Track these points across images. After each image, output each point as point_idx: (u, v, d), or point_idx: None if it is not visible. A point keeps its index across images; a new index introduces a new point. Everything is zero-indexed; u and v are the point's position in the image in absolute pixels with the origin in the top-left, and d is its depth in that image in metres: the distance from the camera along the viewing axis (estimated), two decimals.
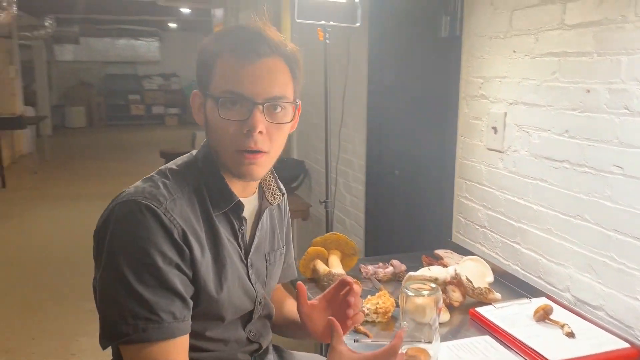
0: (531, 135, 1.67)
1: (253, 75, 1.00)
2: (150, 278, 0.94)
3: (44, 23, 10.19)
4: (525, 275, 1.74)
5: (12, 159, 8.94)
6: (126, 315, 0.93)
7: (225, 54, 1.01)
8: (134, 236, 0.95)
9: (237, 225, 1.10)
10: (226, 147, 1.03)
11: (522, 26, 1.68)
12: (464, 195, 2.04)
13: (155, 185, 1.01)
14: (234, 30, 1.04)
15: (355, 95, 2.97)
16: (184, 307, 0.98)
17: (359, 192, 3.03)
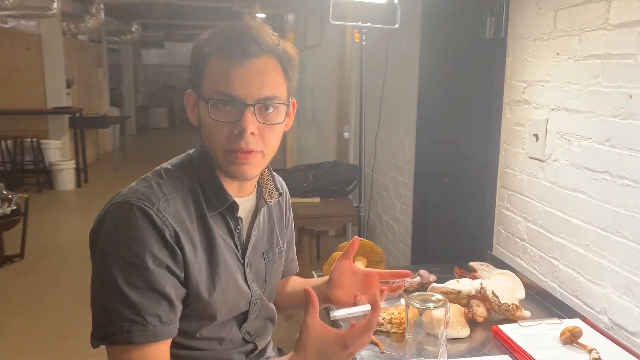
0: (572, 143, 1.55)
1: (243, 76, 0.98)
2: (139, 280, 0.94)
3: (131, 28, 10.78)
4: (562, 293, 1.62)
5: (97, 156, 9.52)
6: (113, 316, 0.93)
7: (215, 55, 1.00)
8: (125, 237, 0.95)
9: (232, 225, 1.10)
10: (218, 147, 1.02)
11: (565, 27, 1.57)
12: (505, 205, 1.93)
13: (149, 186, 1.01)
14: (224, 30, 1.02)
15: (406, 98, 2.91)
16: (171, 310, 0.98)
17: (408, 199, 2.96)
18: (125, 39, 11.01)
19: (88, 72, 9.53)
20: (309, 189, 3.72)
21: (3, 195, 4.37)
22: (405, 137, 2.97)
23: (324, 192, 3.73)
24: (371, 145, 3.63)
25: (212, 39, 1.02)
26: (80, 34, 8.48)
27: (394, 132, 3.16)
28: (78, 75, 8.73)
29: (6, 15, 6.28)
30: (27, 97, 7.52)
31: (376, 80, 3.45)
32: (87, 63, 9.53)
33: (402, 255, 3.08)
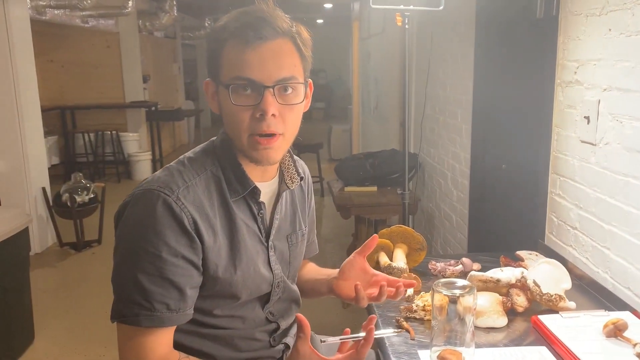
0: (624, 125, 1.45)
1: (260, 59, 1.00)
2: (151, 267, 0.97)
3: (204, 24, 11.12)
4: (614, 285, 1.52)
5: (173, 147, 9.94)
6: (125, 298, 0.99)
7: (230, 41, 1.01)
8: (142, 225, 0.98)
9: (255, 209, 1.12)
10: (241, 132, 1.03)
11: (618, 0, 1.47)
12: (557, 192, 1.84)
13: (170, 174, 1.04)
14: (237, 15, 1.03)
15: (461, 82, 2.82)
16: (181, 299, 1.01)
17: (464, 187, 2.88)
18: (199, 34, 11.37)
19: (163, 67, 9.94)
20: (366, 177, 3.70)
21: (82, 185, 4.68)
22: (462, 123, 2.89)
23: (382, 180, 3.70)
24: (432, 133, 3.56)
25: (226, 25, 1.03)
26: (155, 30, 8.86)
27: (451, 118, 3.08)
28: (154, 71, 9.13)
29: (87, 15, 6.67)
30: (107, 92, 7.97)
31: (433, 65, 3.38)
32: (163, 58, 9.94)
33: (459, 245, 3.01)
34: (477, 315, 1.35)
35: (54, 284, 4.11)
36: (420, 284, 1.57)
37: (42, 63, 7.35)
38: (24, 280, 2.95)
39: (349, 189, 3.66)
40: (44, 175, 4.82)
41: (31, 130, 4.60)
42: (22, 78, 4.47)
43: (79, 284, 4.03)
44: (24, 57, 4.52)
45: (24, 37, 4.53)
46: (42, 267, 4.37)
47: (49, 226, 4.79)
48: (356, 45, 7.61)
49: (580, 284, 1.60)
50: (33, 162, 4.61)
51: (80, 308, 3.58)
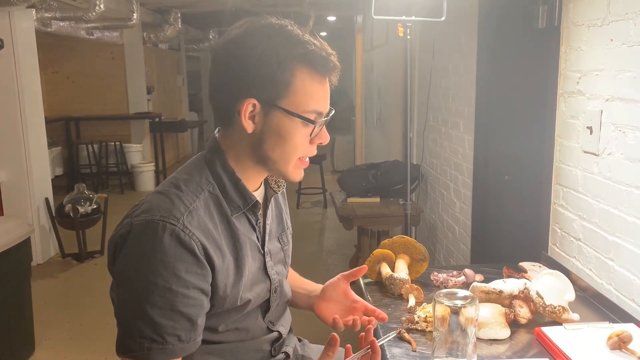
0: (627, 135, 1.45)
1: (327, 92, 1.05)
2: (162, 300, 0.94)
3: (209, 36, 11.18)
4: (618, 297, 1.51)
5: (177, 158, 9.96)
6: (134, 332, 0.95)
7: (304, 69, 1.00)
8: (149, 258, 0.94)
9: (254, 220, 1.12)
10: (294, 156, 1.06)
11: (620, 10, 1.47)
12: (561, 203, 1.83)
13: (170, 200, 1.00)
14: (307, 42, 1.01)
15: (464, 92, 2.82)
16: (192, 329, 0.99)
17: (467, 198, 2.87)
18: (203, 46, 11.43)
19: (168, 79, 9.99)
20: (369, 188, 3.70)
21: (85, 195, 4.69)
22: (465, 134, 2.88)
23: (385, 191, 3.69)
24: (434, 144, 3.56)
25: (295, 49, 1.00)
26: (160, 42, 8.91)
27: (454, 129, 3.08)
28: (158, 82, 9.17)
29: (92, 27, 6.71)
30: (111, 103, 8.00)
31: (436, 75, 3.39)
32: (167, 70, 9.99)
33: (462, 257, 2.99)
34: (480, 326, 1.34)
35: (55, 294, 4.10)
36: (422, 295, 1.56)
37: (47, 74, 7.41)
38: (25, 291, 2.94)
39: (352, 200, 3.66)
40: (47, 185, 4.83)
41: (35, 141, 4.62)
42: (27, 89, 4.49)
43: (81, 295, 4.02)
44: (29, 69, 4.55)
45: (29, 48, 4.56)
46: (44, 277, 4.36)
47: (51, 237, 4.79)
48: (359, 57, 7.64)
49: (584, 295, 1.58)
50: (36, 173, 4.62)
51: (82, 319, 3.56)
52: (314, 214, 6.31)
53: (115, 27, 7.09)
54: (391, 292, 1.61)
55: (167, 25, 8.06)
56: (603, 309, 1.49)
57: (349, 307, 1.24)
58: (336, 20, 9.70)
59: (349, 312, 1.24)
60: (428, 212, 3.75)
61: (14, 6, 4.06)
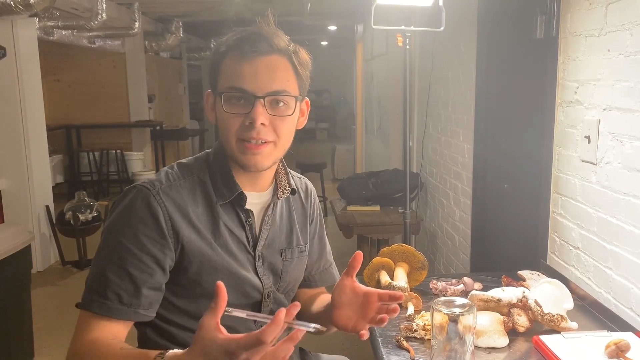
0: (624, 144, 1.46)
1: (254, 71, 1.05)
2: (115, 255, 1.02)
3: (210, 45, 11.23)
4: (616, 305, 1.51)
5: None
6: (88, 284, 1.04)
7: (229, 54, 1.08)
8: (120, 216, 1.05)
9: (243, 217, 1.14)
10: (231, 137, 1.08)
11: (616, 21, 1.48)
12: (559, 212, 1.83)
13: (159, 174, 1.12)
14: (238, 32, 1.10)
15: (464, 101, 2.84)
16: (135, 294, 1.03)
17: (467, 206, 2.88)
18: (205, 55, 11.48)
19: (169, 87, 10.02)
20: (369, 196, 3.70)
21: (86, 203, 4.69)
22: (465, 143, 2.89)
23: (385, 200, 3.70)
24: (434, 153, 3.57)
25: (227, 40, 1.09)
26: (161, 51, 8.95)
27: (454, 138, 3.09)
28: (159, 90, 9.20)
29: (94, 35, 6.76)
30: (113, 111, 8.03)
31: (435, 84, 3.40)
32: (168, 78, 10.03)
33: (462, 265, 3.00)
34: (478, 335, 1.34)
35: (55, 302, 4.09)
36: (421, 303, 1.56)
37: (49, 82, 7.43)
38: (25, 298, 2.94)
39: (352, 208, 3.66)
40: (48, 193, 4.84)
41: (36, 148, 4.63)
42: (29, 97, 4.51)
43: None
44: (31, 77, 4.57)
45: (31, 57, 4.59)
46: (43, 285, 4.36)
47: (51, 244, 4.79)
48: (360, 67, 7.67)
49: (583, 304, 1.59)
50: (37, 181, 4.63)
51: None
52: None
53: (117, 36, 7.13)
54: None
55: (169, 34, 8.11)
56: (601, 317, 1.50)
57: (363, 304, 1.11)
58: (337, 30, 9.75)
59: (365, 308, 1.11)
60: (428, 221, 3.76)
61: (16, 15, 4.09)
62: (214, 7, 7.15)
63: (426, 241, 3.81)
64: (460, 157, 2.98)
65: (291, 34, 1.12)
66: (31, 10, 4.09)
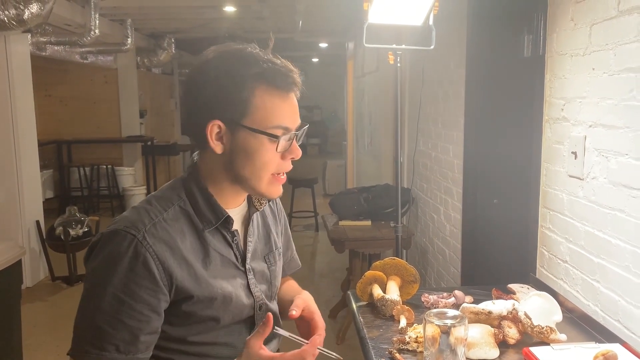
0: (609, 160, 1.50)
1: (292, 107, 1.08)
2: (107, 306, 0.99)
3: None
4: (604, 318, 1.54)
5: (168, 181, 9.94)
6: (79, 333, 1.01)
7: (262, 86, 1.04)
8: (106, 265, 1.00)
9: (229, 237, 1.14)
10: (266, 172, 1.08)
11: (600, 41, 1.54)
12: (548, 226, 1.87)
13: (137, 213, 1.05)
14: (263, 60, 1.05)
15: (454, 118, 2.89)
16: (132, 342, 1.00)
17: (457, 221, 2.91)
18: None
19: (161, 103, 10.05)
20: (360, 212, 3.73)
21: (76, 218, 4.68)
22: (455, 159, 2.94)
23: (376, 215, 3.73)
24: (424, 168, 3.61)
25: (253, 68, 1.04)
26: (153, 67, 8.99)
27: (444, 154, 3.13)
28: (151, 106, 9.22)
29: (86, 51, 6.78)
30: (104, 126, 8.03)
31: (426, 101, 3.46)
32: (160, 94, 10.05)
33: (453, 280, 3.02)
34: (469, 346, 1.37)
35: (44, 318, 4.06)
36: (413, 316, 1.58)
37: (41, 98, 7.42)
38: (14, 314, 2.92)
39: (343, 223, 3.68)
40: (39, 208, 4.82)
41: (27, 163, 4.63)
42: (21, 112, 4.52)
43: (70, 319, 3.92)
44: (23, 92, 4.58)
45: (23, 72, 4.60)
46: (33, 301, 4.32)
47: (41, 260, 4.76)
48: (351, 83, 7.75)
49: (572, 317, 1.61)
50: (28, 196, 4.61)
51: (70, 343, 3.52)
52: (306, 237, 6.32)
53: (110, 52, 7.16)
54: (383, 314, 1.63)
55: (161, 50, 8.16)
56: (590, 329, 1.52)
57: None
58: (328, 47, 9.85)
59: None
60: (419, 236, 3.79)
61: (9, 30, 4.11)
62: (206, 24, 7.22)
63: (417, 255, 3.83)
64: (450, 173, 3.02)
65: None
66: (24, 26, 4.11)
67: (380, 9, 1.98)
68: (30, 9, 3.97)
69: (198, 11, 6.35)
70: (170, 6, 6.00)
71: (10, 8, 3.89)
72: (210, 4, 5.87)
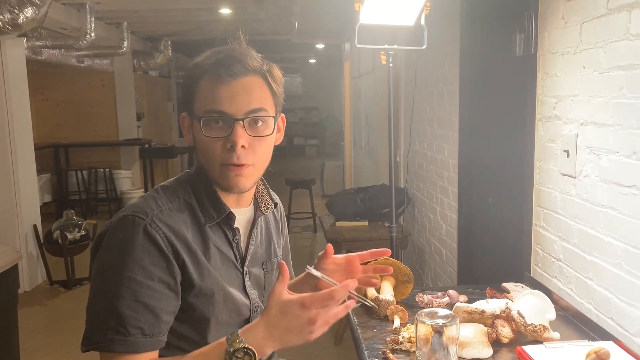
0: (601, 158, 1.50)
1: (231, 93, 1.06)
2: (127, 290, 0.99)
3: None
4: (598, 315, 1.54)
5: None
6: (100, 324, 1.00)
7: (204, 77, 1.07)
8: (119, 250, 1.01)
9: (230, 235, 1.15)
10: (213, 162, 1.08)
11: (591, 39, 1.54)
12: (542, 224, 1.87)
13: (145, 200, 1.09)
14: (210, 54, 1.09)
15: (449, 118, 2.89)
16: (155, 323, 1.01)
17: (453, 221, 2.91)
18: None
19: (158, 106, 10.05)
20: (357, 212, 3.73)
21: (74, 222, 4.67)
22: (450, 158, 2.94)
23: (373, 215, 3.73)
24: (420, 168, 3.61)
25: (200, 63, 1.09)
26: (150, 69, 8.99)
27: (439, 153, 3.13)
28: (148, 109, 9.22)
29: (82, 54, 6.78)
30: (101, 130, 8.03)
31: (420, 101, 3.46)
32: (157, 97, 10.05)
33: (449, 279, 3.02)
34: (463, 346, 1.37)
35: (42, 322, 4.06)
36: (407, 316, 1.58)
37: (37, 102, 7.43)
38: (12, 319, 2.92)
39: (340, 224, 3.68)
40: (36, 212, 4.82)
41: (24, 168, 4.62)
42: (17, 117, 4.52)
43: (68, 323, 3.98)
44: (19, 97, 4.58)
45: (19, 76, 4.60)
46: (30, 305, 4.32)
47: (39, 264, 4.76)
48: (347, 84, 7.75)
49: (566, 315, 1.61)
50: (25, 200, 4.61)
51: (69, 347, 3.52)
52: (304, 238, 6.32)
53: (106, 55, 7.16)
54: (377, 314, 1.63)
55: (158, 53, 8.16)
56: (584, 327, 1.53)
57: (346, 270, 1.28)
58: (324, 48, 9.85)
59: (349, 273, 1.28)
60: (416, 236, 3.79)
61: (5, 34, 4.11)
62: (203, 27, 7.22)
63: (414, 255, 3.83)
64: (446, 172, 3.03)
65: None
66: (20, 31, 4.11)
67: (372, 10, 1.98)
68: (25, 13, 3.97)
69: (194, 14, 6.35)
70: (166, 9, 6.00)
71: (5, 12, 3.89)
72: (206, 6, 5.87)
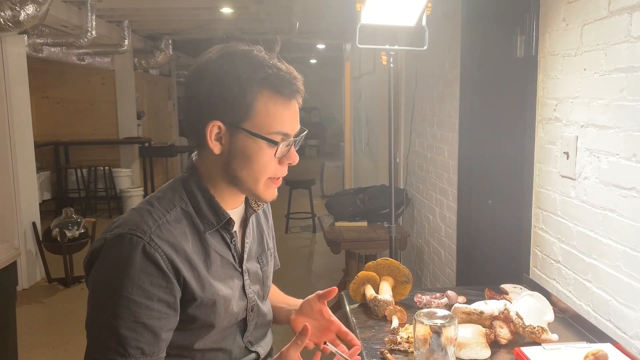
0: (600, 160, 1.50)
1: (293, 115, 1.08)
2: (125, 311, 0.97)
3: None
4: (596, 317, 1.54)
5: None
6: (100, 343, 0.99)
7: (266, 92, 1.03)
8: (116, 270, 0.98)
9: (228, 238, 1.14)
10: (260, 176, 1.08)
11: (591, 41, 1.54)
12: (541, 226, 1.87)
13: (140, 215, 1.04)
14: (269, 66, 1.04)
15: (449, 119, 2.89)
16: (155, 342, 1.01)
17: (452, 222, 2.91)
18: None
19: (158, 104, 10.04)
20: (356, 212, 3.73)
21: (73, 220, 4.68)
22: (450, 160, 2.94)
23: (372, 215, 3.73)
24: (420, 169, 3.61)
25: (257, 73, 1.03)
26: (150, 68, 8.99)
27: (439, 155, 3.13)
28: (148, 107, 9.22)
29: (83, 52, 6.78)
30: (101, 128, 8.03)
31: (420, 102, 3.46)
32: (157, 95, 10.05)
33: (448, 280, 3.02)
34: (461, 347, 1.37)
35: (40, 319, 4.06)
36: (405, 317, 1.58)
37: (37, 99, 7.43)
38: (10, 316, 2.92)
39: (340, 224, 3.68)
40: (35, 210, 4.82)
41: (23, 165, 4.62)
42: (17, 114, 4.52)
43: (66, 320, 3.98)
44: (20, 94, 4.58)
45: (20, 74, 4.60)
46: (29, 303, 4.32)
47: (37, 261, 4.76)
48: (348, 84, 7.76)
49: (564, 317, 1.61)
50: (24, 197, 4.61)
51: (66, 344, 3.53)
52: (303, 239, 6.32)
53: (107, 53, 7.16)
54: (375, 314, 1.63)
55: (158, 52, 8.16)
56: (582, 329, 1.53)
57: (324, 326, 1.27)
58: (325, 49, 9.86)
59: (324, 331, 1.27)
60: (415, 236, 3.79)
61: (6, 32, 4.11)
62: (204, 25, 7.22)
63: (413, 256, 3.83)
64: (445, 174, 3.03)
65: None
66: (20, 28, 4.11)
67: (373, 10, 1.98)
68: (26, 10, 3.97)
69: (195, 12, 6.36)
70: (167, 7, 6.01)
71: (6, 9, 3.89)
72: (207, 5, 5.88)
